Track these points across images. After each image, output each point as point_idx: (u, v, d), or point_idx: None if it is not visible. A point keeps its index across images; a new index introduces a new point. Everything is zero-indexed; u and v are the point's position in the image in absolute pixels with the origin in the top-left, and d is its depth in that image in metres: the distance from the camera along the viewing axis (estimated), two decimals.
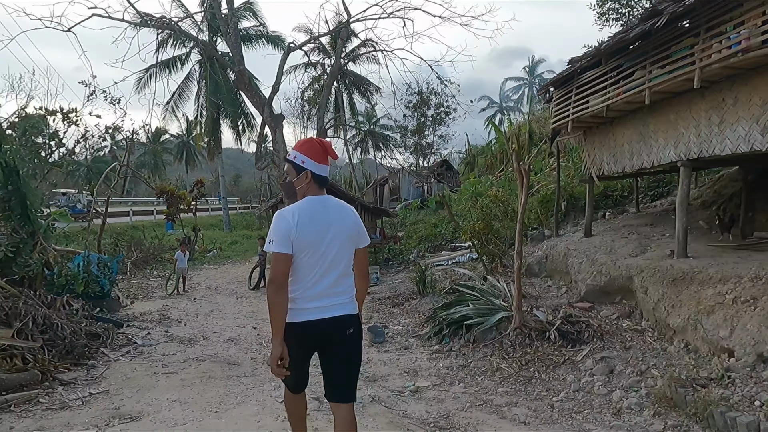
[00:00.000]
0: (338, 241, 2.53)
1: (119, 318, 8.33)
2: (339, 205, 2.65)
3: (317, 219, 2.50)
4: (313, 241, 2.46)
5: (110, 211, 30.29)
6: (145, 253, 16.33)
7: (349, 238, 2.58)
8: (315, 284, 2.49)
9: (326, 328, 2.50)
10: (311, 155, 2.62)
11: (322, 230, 2.49)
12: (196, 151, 66.25)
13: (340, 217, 2.58)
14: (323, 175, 2.62)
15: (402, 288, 10.40)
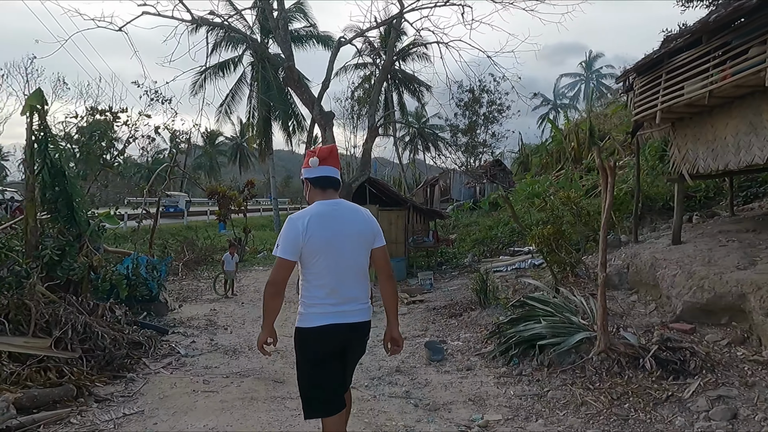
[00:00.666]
0: (350, 243, 2.50)
1: (165, 323, 8.07)
2: (351, 208, 2.62)
3: (328, 222, 2.48)
4: (325, 245, 2.45)
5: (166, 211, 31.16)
6: (197, 254, 16.36)
7: (361, 240, 2.55)
8: (331, 288, 2.48)
9: (346, 333, 2.50)
10: (304, 164, 2.67)
11: (333, 233, 2.47)
12: (249, 152, 67.94)
13: (352, 220, 2.55)
14: (319, 176, 2.60)
15: (458, 296, 9.67)
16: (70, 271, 6.37)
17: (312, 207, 2.56)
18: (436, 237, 13.40)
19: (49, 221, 6.80)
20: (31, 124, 6.36)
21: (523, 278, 9.47)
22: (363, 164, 11.16)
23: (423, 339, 7.09)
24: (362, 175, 11.17)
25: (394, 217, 13.96)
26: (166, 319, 8.56)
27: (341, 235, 2.49)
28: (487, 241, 16.03)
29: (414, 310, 9.10)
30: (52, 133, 6.53)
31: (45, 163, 6.47)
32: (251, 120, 29.76)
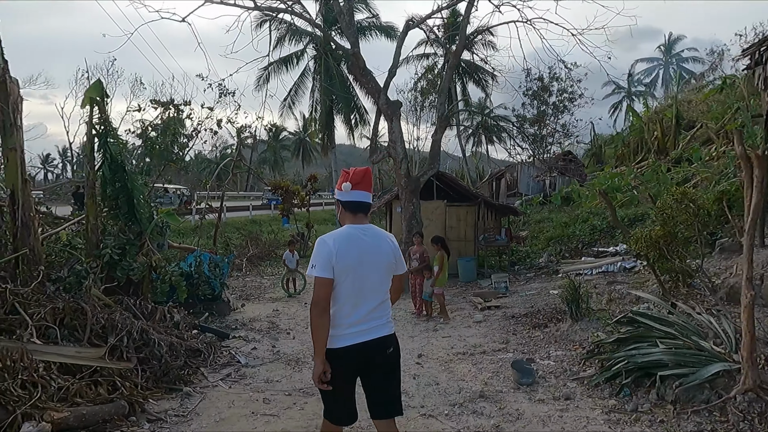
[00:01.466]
0: (376, 268, 2.60)
1: (226, 326, 7.72)
2: (378, 235, 2.69)
3: (355, 246, 2.56)
4: (351, 267, 2.53)
5: (232, 205, 31.88)
6: (261, 249, 16.26)
7: (387, 267, 2.66)
8: (356, 309, 2.57)
9: (368, 349, 2.58)
10: (339, 185, 2.69)
11: (360, 257, 2.55)
12: (312, 147, 68.86)
13: (378, 246, 2.63)
14: (352, 200, 2.65)
15: (539, 303, 8.70)
16: (129, 271, 6.07)
17: (342, 229, 2.63)
18: (509, 235, 12.41)
19: (110, 219, 6.55)
20: (91, 118, 6.10)
21: (615, 284, 8.38)
22: (431, 157, 10.40)
23: (505, 353, 6.27)
24: (431, 168, 10.42)
25: (463, 213, 13.08)
26: (228, 320, 8.23)
27: (367, 260, 2.58)
28: (563, 239, 14.79)
29: (490, 317, 8.26)
30: (112, 126, 6.24)
31: (105, 158, 6.20)
32: (314, 114, 29.67)
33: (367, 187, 2.69)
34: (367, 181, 2.69)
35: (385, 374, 2.69)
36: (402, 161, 10.06)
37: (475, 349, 6.51)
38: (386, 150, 10.34)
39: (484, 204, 12.49)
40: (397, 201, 12.94)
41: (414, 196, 10.32)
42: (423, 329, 7.75)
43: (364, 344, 2.57)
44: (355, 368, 2.64)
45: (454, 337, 7.21)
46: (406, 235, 10.44)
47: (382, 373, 2.68)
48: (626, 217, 13.94)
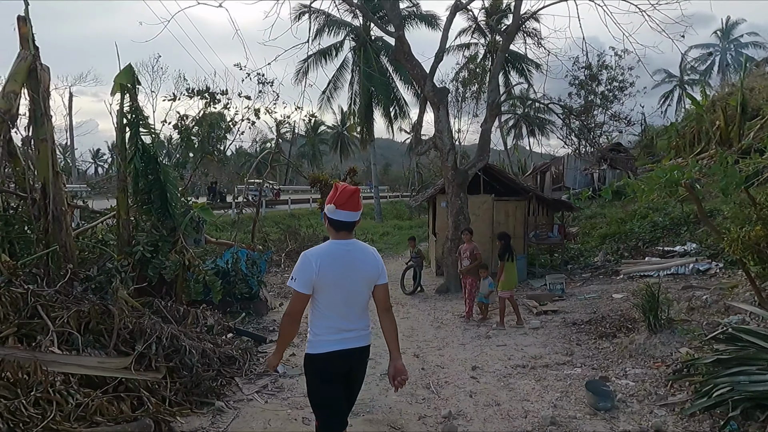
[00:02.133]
0: (356, 281, 2.73)
1: (264, 327, 7.29)
2: (360, 249, 2.79)
3: (338, 262, 2.67)
4: (334, 281, 2.66)
5: (271, 200, 31.85)
6: (300, 244, 15.89)
7: (365, 279, 2.77)
8: (338, 320, 2.72)
9: (350, 356, 2.74)
10: (328, 201, 2.76)
11: (342, 272, 2.67)
12: (350, 141, 68.73)
13: (360, 261, 2.74)
14: (338, 219, 2.72)
15: (602, 308, 7.88)
16: (162, 270, 5.68)
17: (326, 245, 2.75)
18: (563, 232, 11.53)
19: (143, 214, 6.18)
20: (122, 106, 5.72)
21: (692, 289, 7.47)
22: (480, 147, 9.67)
23: (571, 368, 5.54)
24: (480, 160, 9.69)
25: (511, 208, 12.27)
26: (266, 320, 7.81)
27: (349, 275, 2.70)
28: (619, 237, 13.73)
29: (548, 323, 7.51)
30: (144, 115, 5.84)
31: (137, 149, 5.81)
32: (353, 107, 29.20)
33: (353, 207, 2.74)
34: (353, 202, 2.74)
35: (355, 382, 2.89)
36: (449, 152, 9.38)
37: (535, 362, 5.81)
38: (431, 141, 9.66)
39: (536, 198, 11.64)
40: (442, 195, 12.26)
41: (461, 190, 9.63)
42: (474, 335, 7.09)
43: (347, 351, 2.72)
44: (337, 373, 2.74)
45: (510, 346, 6.52)
46: (452, 232, 9.77)
47: (354, 382, 2.87)
48: (691, 213, 12.78)
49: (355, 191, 2.77)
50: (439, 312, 8.60)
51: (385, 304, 2.87)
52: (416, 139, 9.64)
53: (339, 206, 2.71)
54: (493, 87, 9.45)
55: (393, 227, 24.19)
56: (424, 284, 10.56)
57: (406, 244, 19.22)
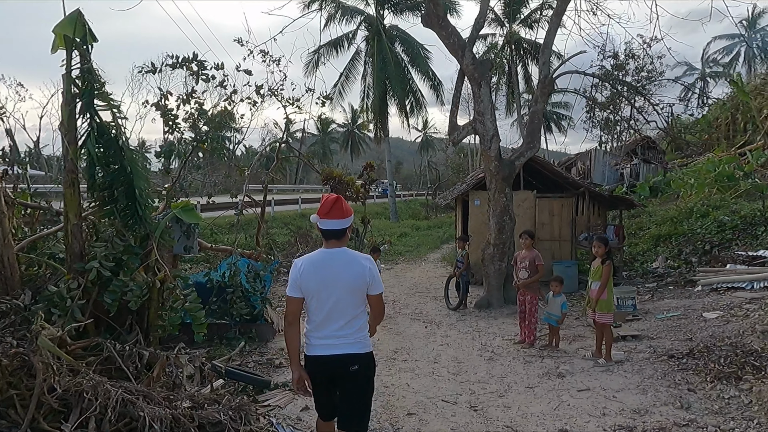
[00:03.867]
0: (341, 290, 2.77)
1: (267, 362, 5.70)
2: (345, 260, 2.82)
3: (320, 270, 2.79)
4: (315, 289, 2.77)
5: (280, 199, 30.44)
6: (312, 247, 14.32)
7: (349, 288, 2.79)
8: (321, 326, 2.81)
9: (333, 363, 2.80)
10: (318, 211, 2.83)
11: (323, 280, 2.77)
12: (361, 139, 67.28)
13: (343, 270, 2.78)
14: (324, 228, 2.81)
15: (698, 333, 6.18)
16: (123, 295, 4.10)
17: (314, 253, 2.90)
18: (620, 234, 9.82)
19: (103, 217, 4.61)
20: (68, 68, 4.14)
21: None
22: (530, 133, 7.99)
23: None
24: (530, 148, 8.01)
25: (557, 207, 10.57)
26: (271, 349, 6.23)
27: (329, 283, 2.77)
28: (677, 238, 11.97)
29: (633, 353, 5.81)
30: (101, 81, 4.25)
31: (91, 128, 4.24)
32: (365, 101, 27.58)
33: (336, 215, 2.78)
34: (336, 210, 2.79)
35: (350, 391, 2.88)
36: (492, 139, 7.73)
37: (643, 421, 4.15)
38: (470, 126, 8.00)
39: (588, 194, 9.91)
40: (476, 192, 10.61)
41: (507, 185, 7.96)
42: (541, 372, 5.43)
43: (329, 357, 2.81)
44: (323, 375, 2.87)
45: (596, 390, 4.86)
46: (496, 235, 8.11)
47: (347, 390, 2.88)
48: (757, 212, 11.00)
49: (336, 199, 2.82)
50: (485, 335, 6.95)
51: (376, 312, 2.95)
52: (452, 124, 7.98)
53: (323, 216, 2.80)
54: (545, 59, 7.77)
55: (410, 228, 22.54)
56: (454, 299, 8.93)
57: (427, 246, 17.63)
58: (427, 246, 17.47)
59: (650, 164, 27.30)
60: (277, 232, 18.33)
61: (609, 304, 5.61)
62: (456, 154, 43.41)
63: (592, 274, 5.64)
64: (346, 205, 2.85)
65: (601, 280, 5.52)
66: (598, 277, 5.54)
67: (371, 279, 2.81)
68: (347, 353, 2.78)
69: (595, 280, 5.57)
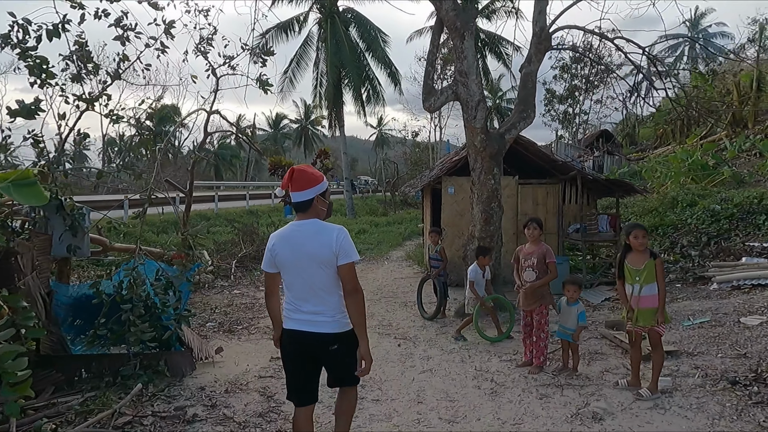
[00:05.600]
0: (306, 262, 2.66)
1: (178, 411, 3.88)
2: (311, 231, 2.70)
3: (288, 243, 2.70)
4: (285, 263, 2.70)
5: (225, 194, 28.08)
6: (257, 247, 12.40)
7: (316, 260, 2.65)
8: (295, 300, 2.72)
9: (308, 341, 2.69)
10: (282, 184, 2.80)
11: (291, 253, 2.67)
12: (315, 135, 65.17)
13: (308, 242, 2.67)
14: (292, 201, 2.74)
15: (750, 345, 4.83)
16: None
17: (284, 227, 2.82)
18: (616, 224, 8.52)
19: None
20: None
21: None
22: (523, 100, 6.46)
23: None
24: (522, 118, 6.48)
25: (541, 194, 9.18)
26: (186, 390, 4.39)
27: (297, 255, 2.67)
28: (666, 230, 10.89)
29: (679, 379, 4.36)
30: None
31: None
32: (318, 88, 25.64)
33: (295, 187, 2.70)
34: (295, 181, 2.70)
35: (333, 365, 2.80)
36: (478, 107, 6.17)
37: None
38: (450, 90, 6.41)
39: (580, 180, 8.54)
40: (449, 179, 9.06)
41: (495, 163, 6.42)
42: (568, 413, 3.87)
43: (300, 333, 2.70)
44: (297, 351, 2.76)
45: None
46: (482, 226, 6.56)
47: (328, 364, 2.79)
48: (754, 200, 10.04)
49: (291, 170, 2.75)
50: (476, 355, 5.37)
51: (347, 285, 2.68)
52: (427, 88, 6.35)
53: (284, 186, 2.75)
54: (542, 8, 6.27)
55: (369, 224, 20.84)
56: (428, 303, 7.35)
57: (389, 243, 16.00)
58: (389, 243, 15.85)
59: (614, 156, 26.84)
60: (220, 230, 16.28)
61: (665, 312, 4.16)
62: (413, 149, 42.11)
63: (632, 274, 4.15)
64: (309, 175, 2.73)
65: (659, 282, 4.06)
66: (651, 278, 4.06)
67: (338, 248, 2.64)
68: (324, 332, 2.68)
69: (646, 282, 4.08)
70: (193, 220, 18.90)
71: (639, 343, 4.28)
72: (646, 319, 4.10)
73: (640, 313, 4.12)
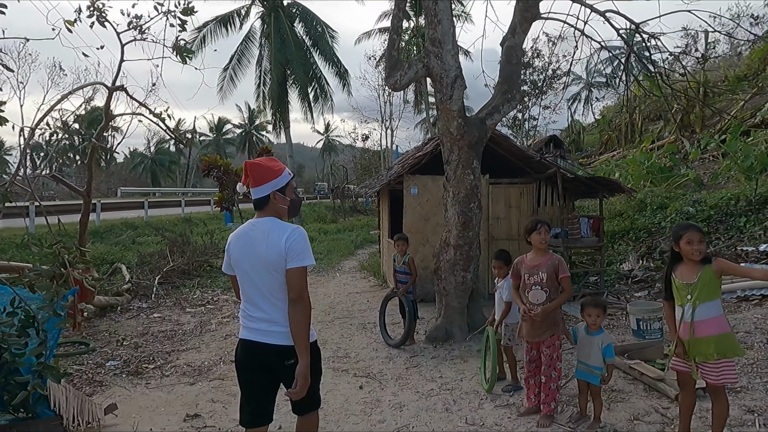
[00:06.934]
0: (255, 264, 2.41)
1: None
2: (264, 229, 2.42)
3: (239, 242, 2.49)
4: (236, 263, 2.49)
5: (159, 201, 25.73)
6: (188, 259, 10.70)
7: (264, 262, 2.37)
8: (250, 307, 2.46)
9: (264, 352, 2.41)
10: None
11: (242, 253, 2.46)
12: (260, 140, 62.92)
13: (258, 241, 2.40)
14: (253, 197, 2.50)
15: None
16: None
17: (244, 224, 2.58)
18: (598, 228, 7.60)
19: None
20: None
21: None
22: (506, 79, 5.32)
23: None
24: (506, 100, 5.34)
25: (515, 195, 8.17)
26: None
27: (247, 256, 2.44)
28: (638, 234, 10.20)
29: (738, 430, 3.31)
30: None
31: None
32: (262, 87, 23.96)
33: (252, 182, 2.46)
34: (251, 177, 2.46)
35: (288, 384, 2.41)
36: (455, 84, 5.01)
37: None
38: (421, 63, 5.20)
39: (560, 179, 7.55)
40: (411, 177, 7.85)
41: (475, 154, 5.27)
42: None
43: (254, 344, 2.42)
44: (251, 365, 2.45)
45: None
46: (458, 232, 5.38)
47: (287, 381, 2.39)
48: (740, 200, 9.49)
49: (247, 164, 2.52)
50: (462, 400, 4.13)
51: (292, 292, 2.34)
52: (391, 60, 5.12)
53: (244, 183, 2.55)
54: None
55: (317, 231, 19.37)
56: (391, 324, 6.09)
57: (340, 253, 14.59)
58: (340, 252, 14.48)
59: (566, 160, 26.74)
60: (149, 240, 14.34)
61: (733, 342, 3.07)
62: (363, 153, 40.95)
63: (681, 291, 3.06)
64: (264, 169, 2.46)
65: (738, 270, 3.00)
66: (712, 293, 2.98)
67: (288, 250, 2.33)
68: (279, 344, 2.36)
69: (703, 299, 2.98)
70: (118, 229, 16.82)
71: (692, 386, 3.18)
72: (704, 351, 3.01)
73: (696, 344, 3.02)
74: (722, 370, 2.97)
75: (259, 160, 2.53)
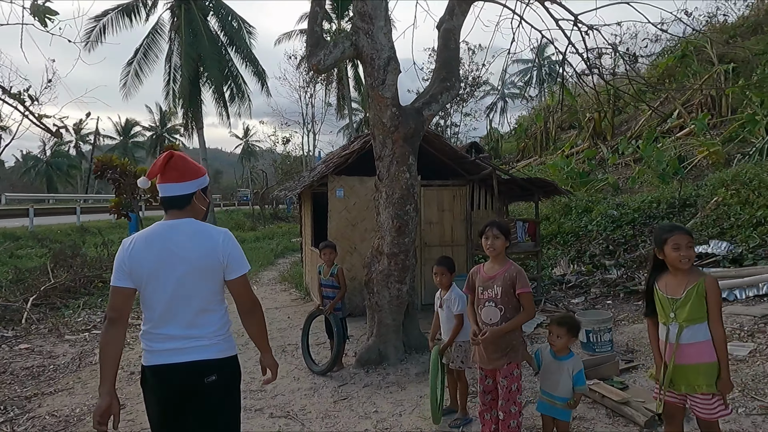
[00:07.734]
0: (181, 274, 2.03)
1: None
2: (191, 232, 2.08)
3: (155, 246, 2.06)
4: (150, 272, 2.04)
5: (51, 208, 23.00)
6: (75, 274, 9.14)
7: (198, 271, 2.04)
8: (162, 322, 2.05)
9: (180, 374, 2.02)
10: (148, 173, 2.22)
11: (160, 259, 2.04)
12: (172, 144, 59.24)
13: (188, 244, 2.06)
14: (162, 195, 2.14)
15: (759, 383, 3.54)
16: None
17: (148, 228, 2.15)
18: (534, 232, 7.25)
19: None
20: None
21: None
22: (444, 65, 4.72)
23: None
24: (445, 89, 4.72)
25: (447, 198, 7.65)
26: None
27: (168, 261, 2.04)
28: (565, 237, 10.13)
29: None
30: None
31: None
32: (171, 84, 22.10)
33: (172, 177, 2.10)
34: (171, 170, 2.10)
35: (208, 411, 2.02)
36: (387, 66, 4.32)
37: None
38: (348, 40, 4.45)
39: (495, 181, 7.10)
40: (336, 179, 7.07)
41: (410, 149, 4.61)
42: None
43: (175, 367, 2.01)
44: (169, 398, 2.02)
45: None
46: (392, 238, 4.68)
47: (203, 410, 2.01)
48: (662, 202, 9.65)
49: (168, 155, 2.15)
50: None
51: (244, 306, 2.13)
52: (314, 36, 4.32)
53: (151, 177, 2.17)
54: None
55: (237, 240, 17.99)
56: (316, 345, 5.28)
57: (258, 263, 13.40)
58: (258, 262, 13.33)
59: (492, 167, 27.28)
60: (33, 253, 12.36)
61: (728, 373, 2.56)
62: (284, 158, 39.48)
63: (666, 307, 2.53)
64: (192, 165, 2.15)
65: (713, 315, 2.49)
66: (701, 314, 2.48)
67: (227, 257, 2.05)
68: (200, 359, 2.01)
69: (691, 321, 2.47)
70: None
71: (680, 420, 2.66)
72: (688, 381, 2.50)
73: (681, 371, 2.51)
74: (716, 402, 2.47)
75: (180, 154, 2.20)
